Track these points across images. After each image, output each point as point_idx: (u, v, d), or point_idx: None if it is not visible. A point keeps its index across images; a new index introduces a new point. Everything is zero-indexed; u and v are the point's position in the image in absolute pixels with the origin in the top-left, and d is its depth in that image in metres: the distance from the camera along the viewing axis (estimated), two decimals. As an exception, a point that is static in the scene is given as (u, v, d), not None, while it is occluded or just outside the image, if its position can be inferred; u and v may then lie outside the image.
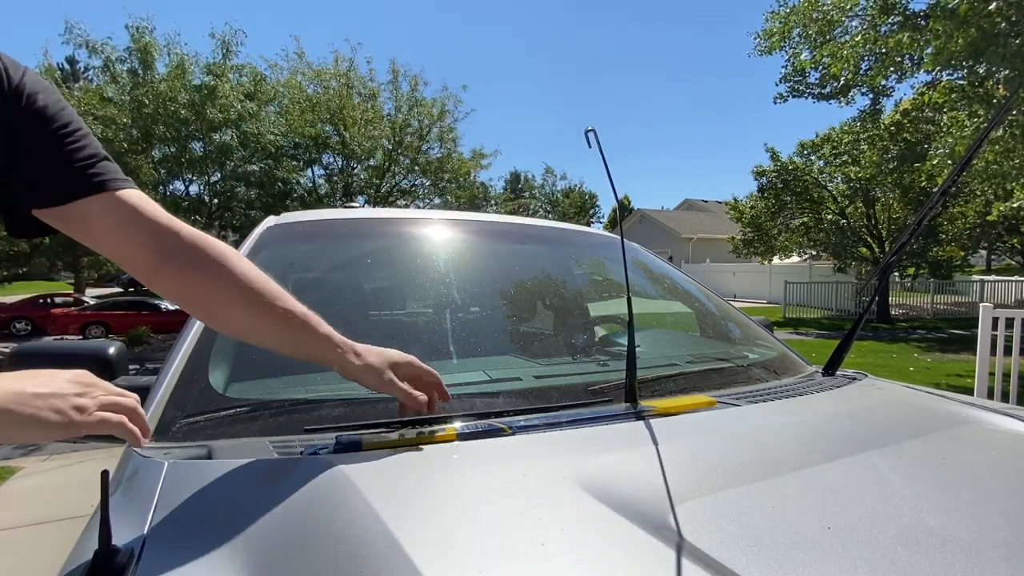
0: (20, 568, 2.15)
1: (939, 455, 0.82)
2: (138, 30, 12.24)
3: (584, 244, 1.97)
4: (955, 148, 6.99)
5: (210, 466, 0.73)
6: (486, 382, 1.07)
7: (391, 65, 15.30)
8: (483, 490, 0.67)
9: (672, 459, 0.74)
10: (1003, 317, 3.92)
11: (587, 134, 1.00)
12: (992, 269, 28.65)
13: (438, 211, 3.10)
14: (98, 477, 0.53)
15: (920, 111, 10.18)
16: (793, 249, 17.43)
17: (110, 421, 0.60)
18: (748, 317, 1.70)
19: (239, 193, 13.77)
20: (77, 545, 0.62)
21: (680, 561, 0.53)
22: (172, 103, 12.06)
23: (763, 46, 8.17)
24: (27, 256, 16.73)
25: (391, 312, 1.36)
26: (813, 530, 0.59)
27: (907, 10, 6.65)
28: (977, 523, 0.62)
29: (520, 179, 41.07)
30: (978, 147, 1.15)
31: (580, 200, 37.14)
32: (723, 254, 23.57)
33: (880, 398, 1.16)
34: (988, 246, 24.87)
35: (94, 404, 0.60)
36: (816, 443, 0.86)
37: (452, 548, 0.55)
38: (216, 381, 0.95)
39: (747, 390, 1.15)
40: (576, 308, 1.67)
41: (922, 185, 11.79)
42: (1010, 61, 5.48)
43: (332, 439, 0.78)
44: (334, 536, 0.57)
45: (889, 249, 4.11)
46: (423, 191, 16.94)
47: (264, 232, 1.40)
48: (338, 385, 1.02)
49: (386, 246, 1.52)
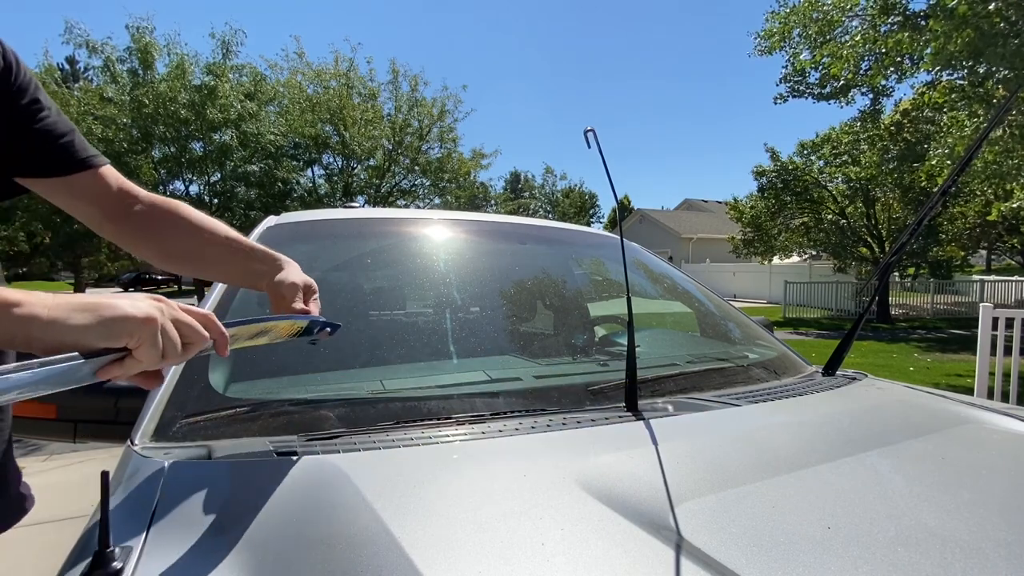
0: (20, 568, 2.15)
1: (939, 455, 0.82)
2: (138, 30, 12.23)
3: (584, 244, 1.97)
4: (955, 148, 6.99)
5: (210, 466, 0.73)
6: (486, 382, 1.07)
7: (391, 65, 15.33)
8: (483, 490, 0.66)
9: (672, 459, 0.74)
10: (1003, 317, 3.92)
11: (587, 134, 1.00)
12: (992, 269, 28.65)
13: (438, 211, 3.10)
14: (98, 477, 0.53)
15: (920, 111, 10.16)
16: (793, 249, 17.42)
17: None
18: (748, 317, 1.70)
19: (239, 193, 13.78)
20: (77, 545, 0.62)
21: (680, 561, 0.53)
22: (172, 103, 12.06)
23: (763, 46, 8.16)
24: (27, 256, 16.74)
25: (391, 312, 1.36)
26: (813, 530, 0.59)
27: (907, 10, 6.65)
28: (977, 523, 0.62)
29: (520, 179, 41.13)
30: (978, 147, 1.15)
31: (580, 200, 37.19)
32: (723, 254, 23.56)
33: (880, 398, 1.16)
34: (988, 246, 24.87)
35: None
36: (816, 443, 0.86)
37: (452, 548, 0.55)
38: (216, 381, 0.95)
39: (747, 390, 1.15)
40: (576, 308, 1.67)
41: (922, 185, 11.78)
42: (1009, 61, 5.48)
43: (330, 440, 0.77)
44: (334, 536, 0.57)
45: (889, 249, 4.11)
46: (423, 191, 16.95)
47: (264, 232, 1.40)
48: (338, 385, 1.02)
49: (386, 246, 1.52)
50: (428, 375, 1.09)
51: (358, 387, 1.02)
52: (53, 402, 0.99)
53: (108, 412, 0.99)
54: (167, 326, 0.55)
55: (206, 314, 0.60)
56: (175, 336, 0.56)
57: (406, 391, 1.02)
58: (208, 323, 0.59)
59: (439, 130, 16.09)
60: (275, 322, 0.71)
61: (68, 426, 1.00)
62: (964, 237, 16.88)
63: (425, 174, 16.33)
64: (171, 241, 0.86)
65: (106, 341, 0.52)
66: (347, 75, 14.87)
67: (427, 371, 1.10)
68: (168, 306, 0.57)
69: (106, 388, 1.01)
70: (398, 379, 1.07)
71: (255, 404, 0.94)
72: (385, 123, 15.18)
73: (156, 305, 0.55)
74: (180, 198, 5.81)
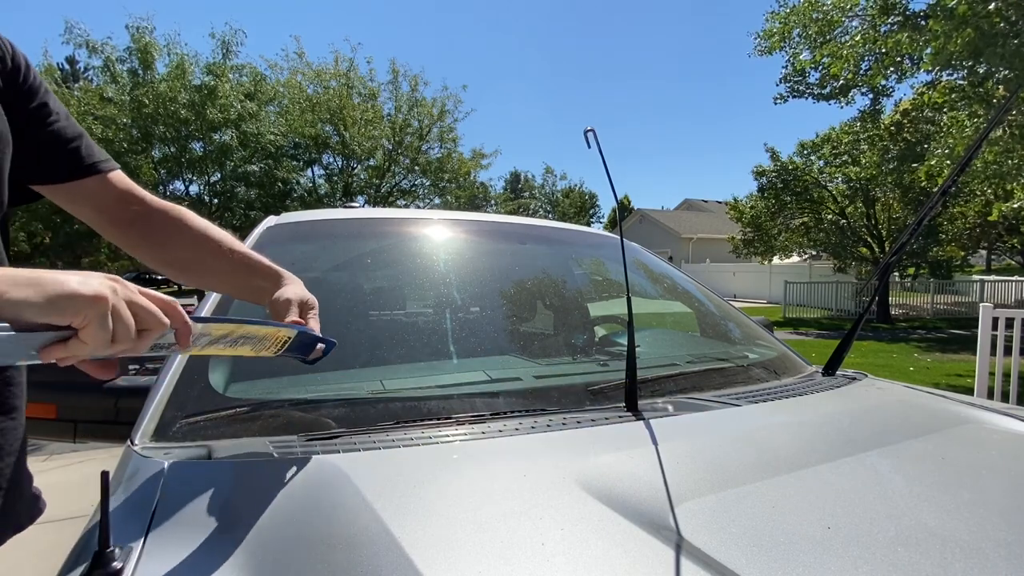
0: (20, 568, 2.15)
1: (939, 455, 0.82)
2: (138, 30, 12.23)
3: (584, 244, 1.97)
4: (955, 148, 6.99)
5: (210, 466, 0.73)
6: (486, 382, 1.07)
7: (391, 65, 15.33)
8: (483, 490, 0.66)
9: (672, 459, 0.74)
10: (1003, 317, 3.92)
11: (586, 134, 1.00)
12: (992, 269, 28.63)
13: (438, 211, 3.10)
14: (98, 477, 0.53)
15: (920, 111, 10.16)
16: (793, 249, 17.43)
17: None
18: (748, 317, 1.70)
19: (239, 193, 13.78)
20: (77, 545, 0.62)
21: (680, 561, 0.53)
22: (172, 103, 12.07)
23: (763, 46, 8.16)
24: (27, 256, 16.74)
25: (391, 312, 1.36)
26: (813, 530, 0.59)
27: (907, 10, 6.65)
28: (977, 523, 0.62)
29: (520, 179, 41.13)
30: (978, 147, 1.15)
31: (580, 200, 37.20)
32: (723, 254, 23.55)
33: (880, 398, 1.16)
34: (988, 246, 24.86)
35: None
36: (816, 443, 0.86)
37: (452, 548, 0.55)
38: (216, 381, 0.95)
39: (747, 390, 1.15)
40: (576, 308, 1.67)
41: (922, 185, 11.77)
42: (1009, 61, 5.48)
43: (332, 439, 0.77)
44: (334, 536, 0.57)
45: (889, 249, 4.11)
46: (423, 191, 16.95)
47: (264, 232, 1.40)
48: (338, 385, 1.02)
49: (386, 246, 1.52)
50: (428, 375, 1.09)
51: (358, 387, 1.02)
52: (53, 402, 0.99)
53: (108, 412, 1.00)
54: (120, 308, 0.50)
55: (169, 300, 0.55)
56: (128, 319, 0.51)
57: (406, 391, 1.02)
58: (170, 310, 0.55)
59: (439, 130, 16.09)
60: (256, 326, 0.65)
61: (68, 426, 1.01)
62: (964, 237, 16.87)
63: (425, 174, 16.33)
64: (173, 250, 0.86)
65: (48, 318, 0.47)
66: (347, 75, 14.87)
67: (427, 371, 1.10)
68: (124, 287, 0.52)
69: (106, 388, 1.01)
70: (398, 379, 1.07)
71: (255, 404, 0.94)
72: (385, 123, 15.19)
73: (109, 284, 0.50)
74: (180, 198, 5.87)
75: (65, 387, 1.00)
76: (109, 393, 1.00)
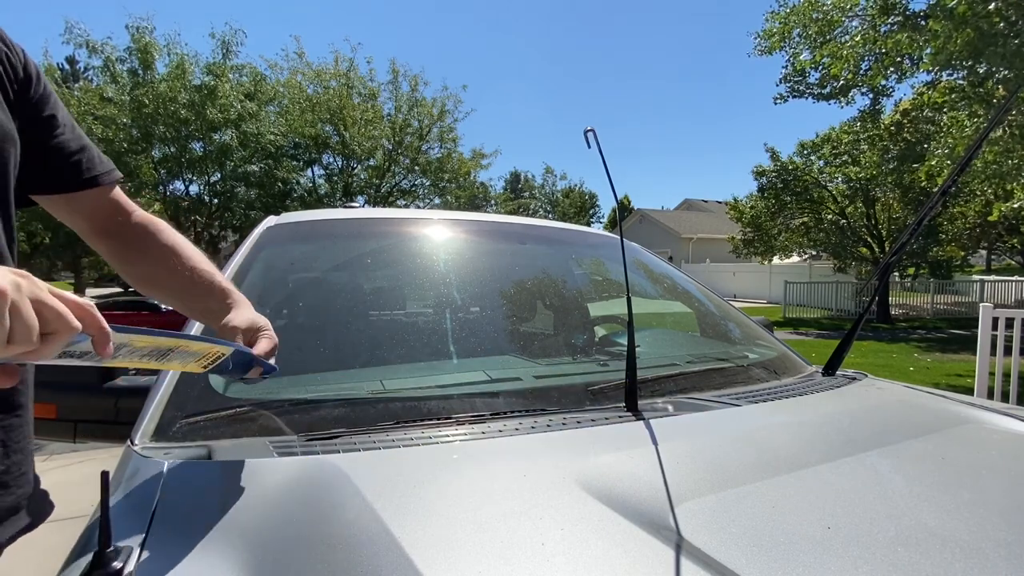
0: (20, 568, 2.15)
1: (939, 455, 0.82)
2: (138, 30, 12.26)
3: (584, 244, 1.97)
4: (955, 148, 6.99)
5: (210, 466, 0.73)
6: (486, 382, 1.07)
7: (391, 65, 15.35)
8: (483, 490, 0.66)
9: (672, 459, 0.74)
10: (1003, 317, 3.92)
11: (586, 134, 1.00)
12: (992, 269, 28.63)
13: (438, 211, 3.10)
14: (98, 477, 0.53)
15: (920, 111, 10.16)
16: (793, 249, 17.43)
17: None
18: (748, 317, 1.70)
19: (239, 193, 13.79)
20: (77, 545, 0.62)
21: (680, 561, 0.53)
22: (172, 103, 12.08)
23: (763, 46, 8.16)
24: (27, 256, 16.73)
25: (391, 312, 1.36)
26: (813, 530, 0.59)
27: (907, 10, 6.65)
28: (977, 523, 0.62)
29: (520, 179, 41.15)
30: (978, 147, 1.15)
31: (580, 200, 37.20)
32: (723, 254, 23.56)
33: (880, 398, 1.16)
34: (988, 246, 24.87)
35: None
36: (816, 443, 0.86)
37: (452, 548, 0.55)
38: (216, 381, 0.95)
39: (747, 390, 1.15)
40: (576, 308, 1.67)
41: (922, 185, 11.78)
42: (1009, 61, 5.48)
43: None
44: (334, 536, 0.57)
45: (889, 249, 4.11)
46: (423, 191, 16.96)
47: (264, 232, 1.40)
48: (338, 385, 1.02)
49: (386, 246, 1.52)
50: (428, 375, 1.09)
51: (358, 387, 1.02)
52: (53, 402, 0.99)
53: (108, 412, 1.00)
54: (22, 306, 0.44)
55: (84, 303, 0.49)
56: (31, 319, 0.44)
57: (406, 391, 1.02)
58: (84, 314, 0.48)
59: (439, 130, 16.11)
60: (188, 341, 0.59)
61: (68, 426, 1.00)
62: (964, 237, 16.87)
63: (425, 174, 16.35)
64: (139, 265, 0.86)
65: None
66: (347, 75, 14.89)
67: (427, 371, 1.10)
68: (32, 283, 0.46)
69: (106, 388, 1.01)
70: (398, 379, 1.07)
71: (255, 404, 0.94)
72: (385, 123, 15.20)
73: (12, 279, 0.44)
74: (180, 198, 5.86)
75: (65, 387, 1.00)
76: (109, 393, 1.00)
